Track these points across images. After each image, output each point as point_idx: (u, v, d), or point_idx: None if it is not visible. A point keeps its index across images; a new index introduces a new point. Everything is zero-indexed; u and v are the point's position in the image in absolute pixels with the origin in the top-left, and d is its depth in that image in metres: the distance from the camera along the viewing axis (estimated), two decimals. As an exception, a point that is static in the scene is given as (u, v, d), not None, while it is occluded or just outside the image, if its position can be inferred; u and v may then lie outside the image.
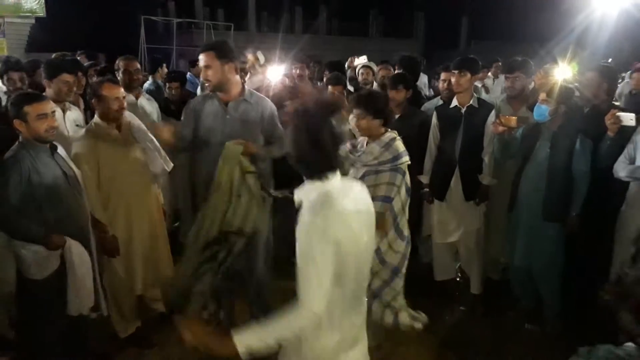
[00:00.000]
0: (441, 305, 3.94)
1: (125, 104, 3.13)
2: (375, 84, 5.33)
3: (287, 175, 2.39)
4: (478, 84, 5.10)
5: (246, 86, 3.27)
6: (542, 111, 3.27)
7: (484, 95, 4.28)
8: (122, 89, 3.15)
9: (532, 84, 4.16)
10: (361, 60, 5.28)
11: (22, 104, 2.62)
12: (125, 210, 3.16)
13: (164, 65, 6.16)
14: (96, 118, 3.12)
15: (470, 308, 3.92)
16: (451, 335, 3.58)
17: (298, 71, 5.34)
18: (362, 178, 2.86)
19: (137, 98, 4.19)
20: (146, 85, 5.26)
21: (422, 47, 21.97)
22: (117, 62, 4.30)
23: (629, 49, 11.45)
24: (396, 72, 4.81)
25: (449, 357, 3.36)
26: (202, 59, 3.07)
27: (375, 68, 5.45)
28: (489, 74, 7.42)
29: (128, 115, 3.24)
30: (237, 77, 3.17)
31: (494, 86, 6.99)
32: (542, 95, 3.29)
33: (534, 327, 3.63)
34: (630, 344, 1.01)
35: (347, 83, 5.10)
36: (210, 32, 14.76)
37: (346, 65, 5.38)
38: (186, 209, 4.51)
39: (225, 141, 2.95)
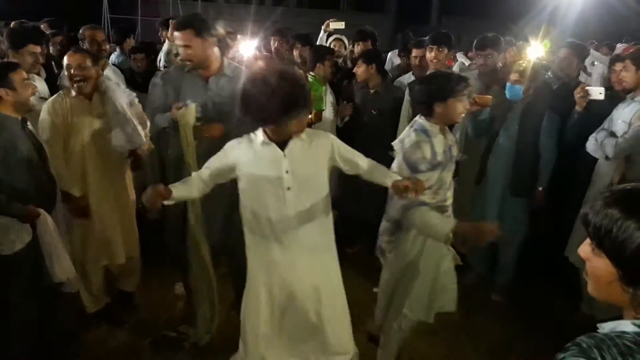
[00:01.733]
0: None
1: (85, 72, 2.96)
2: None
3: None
4: (465, 61, 5.03)
5: (225, 58, 3.12)
6: (516, 91, 3.29)
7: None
8: (80, 57, 2.97)
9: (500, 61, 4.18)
10: (338, 25, 5.17)
11: (6, 72, 2.57)
12: (89, 180, 3.09)
13: (132, 36, 5.92)
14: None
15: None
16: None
17: (276, 44, 5.25)
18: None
19: (103, 69, 4.03)
20: (113, 57, 5.07)
21: (394, 22, 21.89)
22: (80, 31, 4.12)
23: (595, 26, 11.64)
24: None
25: (419, 328, 3.40)
26: (179, 37, 2.87)
27: (347, 42, 5.37)
28: None
29: (108, 87, 3.09)
30: (217, 50, 3.01)
31: None
32: (514, 75, 3.30)
33: (501, 299, 3.73)
34: (625, 328, 1.00)
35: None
36: (177, 3, 14.26)
37: (322, 29, 5.27)
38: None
39: (205, 117, 2.86)
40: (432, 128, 2.49)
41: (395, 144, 2.62)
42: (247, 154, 2.27)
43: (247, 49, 4.18)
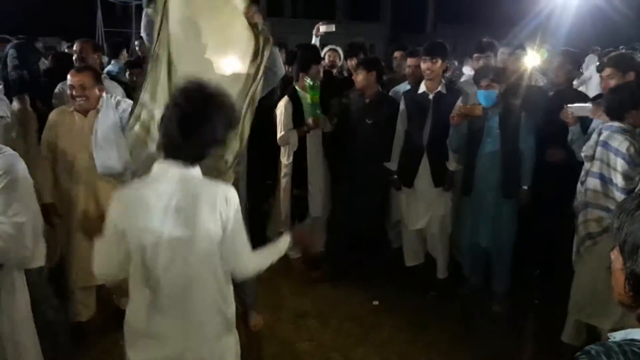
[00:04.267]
0: (412, 290, 3.97)
1: (86, 92, 3.03)
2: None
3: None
4: (471, 72, 4.97)
5: None
6: (490, 96, 3.40)
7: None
8: (81, 77, 3.04)
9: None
10: (328, 29, 5.16)
11: None
12: (77, 195, 3.10)
13: (125, 49, 5.92)
14: None
15: (439, 292, 3.96)
16: (421, 319, 3.61)
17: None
18: None
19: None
20: (110, 68, 5.07)
21: (389, 31, 21.99)
22: (75, 46, 4.17)
23: (589, 33, 11.72)
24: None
25: (419, 340, 3.38)
26: None
27: (341, 52, 5.35)
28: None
29: (105, 106, 3.11)
30: None
31: None
32: (485, 81, 3.41)
33: (502, 309, 3.69)
34: (635, 336, 1.03)
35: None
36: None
37: (314, 34, 5.25)
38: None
39: None
40: (628, 128, 2.83)
41: (586, 149, 2.94)
42: None
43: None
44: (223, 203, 1.77)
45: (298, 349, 3.29)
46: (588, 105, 3.16)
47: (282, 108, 3.94)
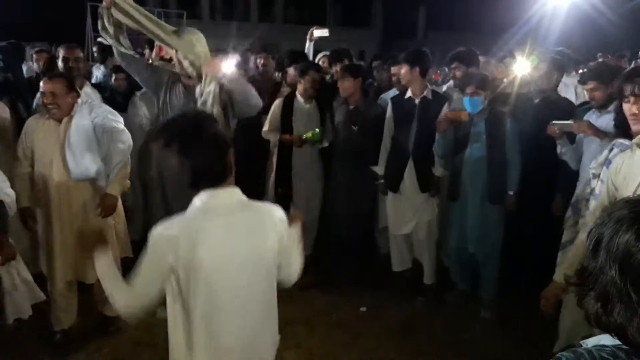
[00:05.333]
0: (400, 296, 3.95)
1: (57, 100, 3.01)
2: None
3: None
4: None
5: None
6: (475, 102, 3.41)
7: None
8: (53, 85, 3.02)
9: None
10: (322, 33, 5.14)
11: None
12: (53, 200, 3.10)
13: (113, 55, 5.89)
14: None
15: (426, 298, 3.94)
16: (409, 325, 3.60)
17: (262, 61, 5.24)
18: None
19: (80, 88, 3.98)
20: (98, 74, 5.03)
21: (380, 37, 22.08)
22: (57, 50, 4.09)
23: (579, 40, 11.82)
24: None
25: (407, 347, 3.37)
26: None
27: None
28: None
29: (79, 112, 3.10)
30: None
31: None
32: (470, 88, 3.42)
33: (490, 315, 3.68)
34: (606, 342, 1.04)
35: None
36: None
37: (307, 39, 5.24)
38: (136, 206, 4.33)
39: None
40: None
41: (595, 167, 2.69)
42: None
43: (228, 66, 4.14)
44: (280, 222, 1.84)
45: (285, 357, 3.25)
46: (571, 122, 3.16)
47: (274, 106, 4.05)
